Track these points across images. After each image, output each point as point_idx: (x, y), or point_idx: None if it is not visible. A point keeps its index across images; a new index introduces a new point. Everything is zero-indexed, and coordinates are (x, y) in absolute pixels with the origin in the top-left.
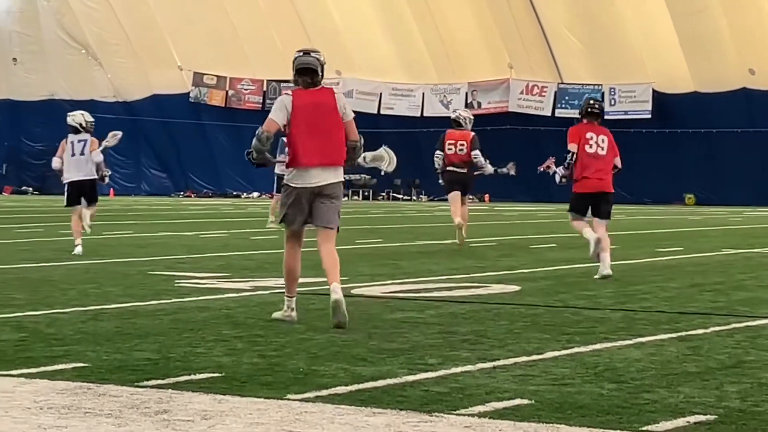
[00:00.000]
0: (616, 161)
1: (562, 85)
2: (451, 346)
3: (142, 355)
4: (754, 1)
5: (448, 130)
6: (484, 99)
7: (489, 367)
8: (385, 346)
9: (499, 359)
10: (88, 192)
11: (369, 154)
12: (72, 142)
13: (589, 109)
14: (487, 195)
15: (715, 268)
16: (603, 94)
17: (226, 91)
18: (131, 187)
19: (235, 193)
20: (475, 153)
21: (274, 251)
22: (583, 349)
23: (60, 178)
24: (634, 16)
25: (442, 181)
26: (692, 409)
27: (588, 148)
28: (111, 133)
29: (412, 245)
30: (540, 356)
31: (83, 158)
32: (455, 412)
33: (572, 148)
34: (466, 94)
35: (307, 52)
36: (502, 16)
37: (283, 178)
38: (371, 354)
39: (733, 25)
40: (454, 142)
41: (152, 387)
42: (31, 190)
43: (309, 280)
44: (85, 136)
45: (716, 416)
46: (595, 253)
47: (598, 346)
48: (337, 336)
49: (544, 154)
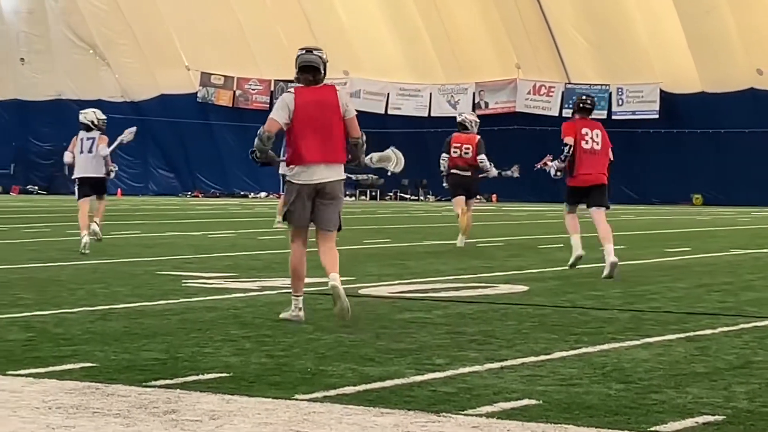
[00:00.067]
0: (610, 154)
1: (569, 86)
2: (459, 347)
3: (150, 355)
4: (761, 1)
5: (454, 134)
6: (492, 99)
7: (497, 368)
8: (393, 347)
9: (507, 359)
10: (96, 188)
11: (376, 155)
12: (82, 139)
13: (581, 105)
14: (495, 195)
15: (723, 269)
16: (610, 94)
17: (234, 91)
18: (139, 187)
19: (242, 193)
20: (481, 157)
21: (282, 251)
22: (591, 350)
23: (67, 173)
24: (642, 16)
25: (446, 183)
26: (700, 410)
27: (584, 144)
28: (127, 130)
29: (420, 245)
30: (548, 356)
31: (90, 156)
32: (463, 413)
33: (569, 141)
34: (474, 94)
35: (310, 50)
36: (510, 16)
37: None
38: (379, 354)
39: (740, 26)
40: (460, 145)
41: (160, 387)
42: (36, 189)
43: (316, 280)
44: (95, 134)
45: (724, 417)
46: (572, 265)
47: (606, 347)
48: (345, 336)
49: (552, 154)
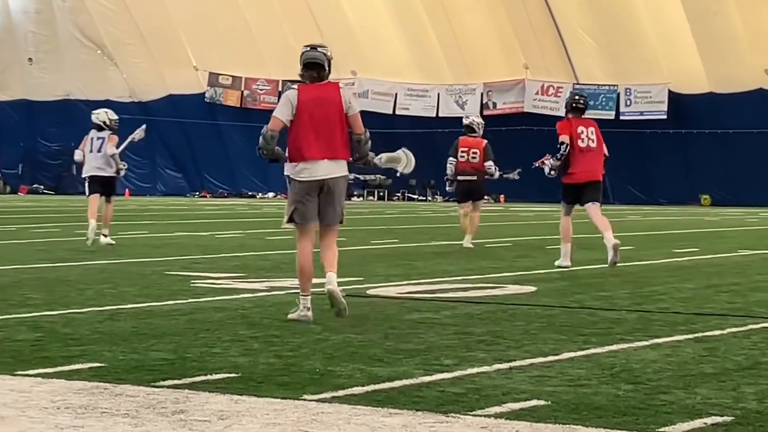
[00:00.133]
0: (605, 149)
1: (577, 86)
2: (467, 347)
3: (159, 355)
4: None
5: (461, 137)
6: (500, 99)
7: (505, 368)
8: (401, 347)
9: (515, 360)
10: (105, 187)
11: (385, 155)
12: (92, 138)
13: (574, 104)
14: (503, 196)
15: (732, 269)
16: (619, 94)
17: (242, 91)
18: (147, 188)
19: (250, 194)
20: (489, 164)
21: (290, 251)
22: (600, 350)
23: (75, 172)
24: (650, 16)
25: (450, 187)
26: (709, 411)
27: (580, 143)
28: (139, 129)
29: (428, 245)
30: (556, 357)
31: (99, 155)
32: (471, 413)
33: (564, 139)
34: (482, 94)
35: (314, 47)
36: (518, 17)
37: None
38: (387, 354)
39: (749, 26)
40: (468, 149)
41: (169, 387)
42: (42, 188)
43: (323, 280)
44: (105, 133)
45: (733, 417)
46: (561, 266)
47: (615, 347)
48: (353, 336)
49: (552, 154)
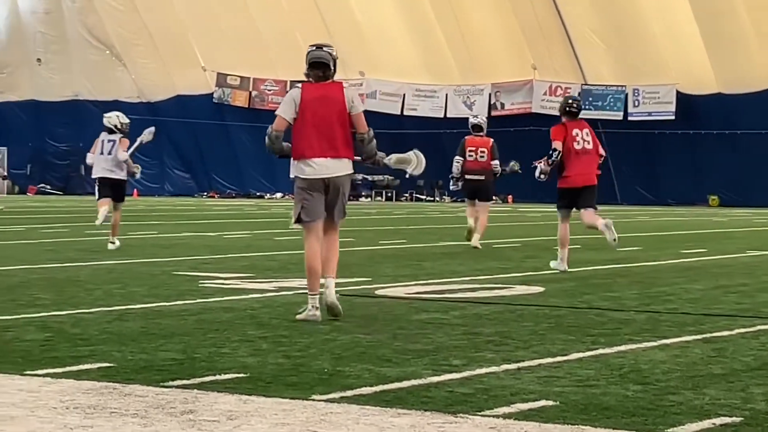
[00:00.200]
0: (601, 150)
1: (585, 87)
2: (476, 347)
3: (168, 356)
4: None
5: (468, 137)
6: (508, 100)
7: (513, 369)
8: (410, 347)
9: (524, 360)
10: (114, 190)
11: (395, 156)
12: (103, 141)
13: (568, 108)
14: (511, 196)
15: (740, 270)
16: (627, 95)
17: (250, 92)
18: (155, 188)
19: (258, 194)
20: (495, 163)
21: (298, 252)
22: (608, 351)
23: (84, 173)
24: (658, 17)
25: (455, 186)
26: (718, 411)
27: (576, 145)
28: (147, 130)
29: (436, 246)
30: (564, 357)
31: (110, 158)
32: (480, 413)
33: (557, 146)
34: (490, 95)
35: (320, 47)
36: (526, 17)
37: None
38: (396, 355)
39: (757, 26)
40: (475, 148)
41: (178, 387)
42: (48, 188)
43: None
44: (116, 136)
45: (742, 418)
46: (556, 269)
47: (623, 348)
48: (362, 337)
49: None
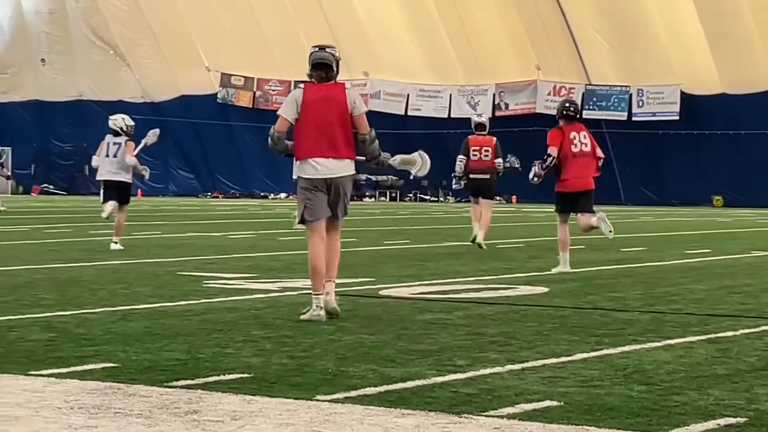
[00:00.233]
0: (599, 152)
1: (589, 87)
2: (480, 348)
3: (172, 356)
4: None
5: (471, 137)
6: (512, 100)
7: (518, 369)
8: (414, 348)
9: (528, 361)
10: (120, 193)
11: (399, 157)
12: (108, 143)
13: (565, 112)
14: (515, 196)
15: (744, 270)
16: (631, 95)
17: (254, 92)
18: (159, 188)
19: (262, 194)
20: (499, 161)
21: (302, 252)
22: (612, 351)
23: (87, 173)
24: (662, 17)
25: (457, 185)
26: (722, 412)
27: (573, 148)
28: (151, 132)
29: (440, 246)
30: (569, 358)
31: (115, 160)
32: (484, 414)
33: (552, 152)
34: (494, 95)
35: (323, 48)
36: (530, 17)
37: None
38: (400, 355)
39: (761, 27)
40: (479, 147)
41: (182, 387)
42: (51, 188)
43: (336, 281)
44: (122, 139)
45: (746, 419)
46: (560, 272)
47: (627, 348)
48: (366, 337)
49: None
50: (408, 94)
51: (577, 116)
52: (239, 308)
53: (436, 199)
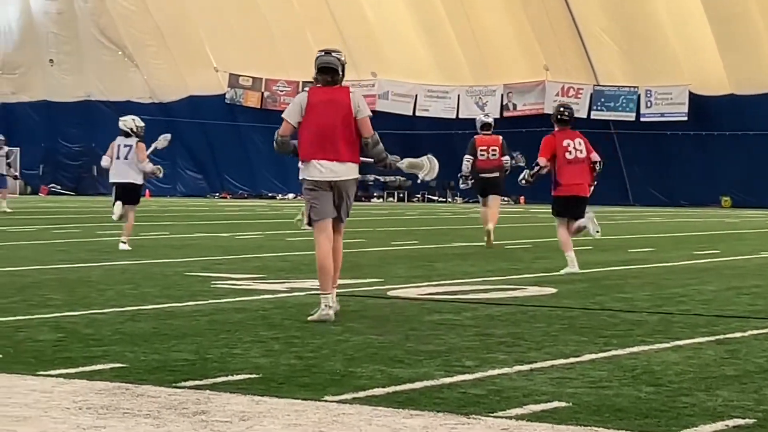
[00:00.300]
0: (594, 156)
1: (597, 87)
2: (488, 348)
3: (180, 356)
4: None
5: (477, 136)
6: (520, 101)
7: (526, 370)
8: (422, 348)
9: (536, 361)
10: (130, 194)
11: (407, 161)
12: (119, 145)
13: (559, 116)
14: (522, 197)
15: (753, 271)
16: (639, 96)
17: (262, 93)
18: (167, 188)
19: (270, 195)
20: (506, 159)
21: (310, 252)
22: (621, 352)
23: (95, 174)
24: (671, 18)
25: (464, 185)
26: (731, 413)
27: (568, 155)
28: (162, 136)
29: (448, 247)
30: (577, 359)
31: (126, 162)
32: (492, 415)
33: (541, 162)
34: (502, 96)
35: (329, 52)
36: (538, 18)
37: None
38: (408, 356)
39: None
40: (486, 147)
41: (190, 388)
42: (59, 188)
43: (343, 281)
44: (132, 140)
45: (755, 420)
46: (570, 272)
47: (636, 349)
48: (374, 338)
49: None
50: (416, 95)
51: (572, 120)
52: (247, 309)
53: (444, 200)
